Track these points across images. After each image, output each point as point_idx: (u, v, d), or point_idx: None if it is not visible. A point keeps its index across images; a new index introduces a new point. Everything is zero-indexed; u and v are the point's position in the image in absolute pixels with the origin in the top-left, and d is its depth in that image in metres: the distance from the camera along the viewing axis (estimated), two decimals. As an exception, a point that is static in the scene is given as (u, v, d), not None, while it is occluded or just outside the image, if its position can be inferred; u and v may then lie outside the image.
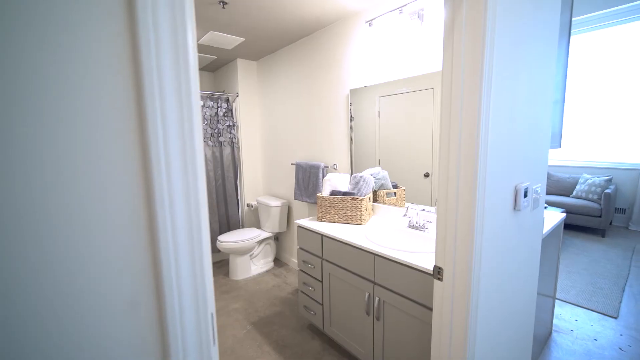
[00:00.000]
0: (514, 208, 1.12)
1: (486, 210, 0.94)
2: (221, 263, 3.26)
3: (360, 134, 2.19)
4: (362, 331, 1.65)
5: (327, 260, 1.83)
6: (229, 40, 2.58)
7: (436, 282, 1.04)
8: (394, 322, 1.46)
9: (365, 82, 2.12)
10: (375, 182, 2.12)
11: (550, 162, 1.76)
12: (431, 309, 1.21)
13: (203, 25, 2.27)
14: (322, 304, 1.90)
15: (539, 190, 1.30)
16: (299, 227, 2.02)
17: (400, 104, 1.91)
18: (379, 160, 2.09)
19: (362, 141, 2.18)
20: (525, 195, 1.14)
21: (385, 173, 2.11)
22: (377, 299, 1.52)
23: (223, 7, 1.95)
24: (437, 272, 1.03)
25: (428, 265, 1.28)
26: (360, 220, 1.93)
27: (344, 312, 1.76)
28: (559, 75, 1.79)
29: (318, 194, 2.06)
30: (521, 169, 1.14)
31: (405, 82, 1.87)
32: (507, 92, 0.98)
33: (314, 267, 1.93)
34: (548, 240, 1.67)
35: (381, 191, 2.11)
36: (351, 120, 2.24)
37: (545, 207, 1.85)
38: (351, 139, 2.26)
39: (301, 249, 2.03)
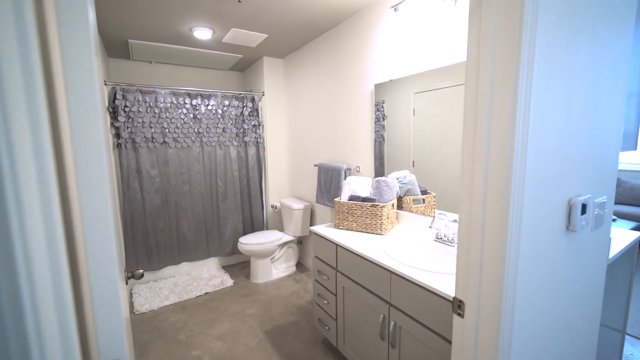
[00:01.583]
0: (567, 228, 0.86)
1: (524, 232, 0.71)
2: (244, 264, 3.23)
3: (394, 134, 1.97)
4: (376, 357, 1.46)
5: (341, 273, 1.66)
6: (252, 38, 2.51)
7: (456, 317, 0.83)
8: (411, 352, 1.25)
9: (390, 76, 1.91)
10: (400, 187, 1.90)
11: (621, 167, 1.40)
12: (453, 347, 0.99)
13: (224, 23, 2.23)
14: (336, 320, 1.74)
15: (604, 204, 1.01)
16: (314, 233, 1.87)
17: (438, 100, 1.67)
18: (413, 162, 1.86)
19: (395, 141, 1.96)
20: (584, 212, 0.88)
21: (412, 177, 1.88)
22: (392, 322, 1.32)
23: (239, 1, 1.87)
24: (458, 305, 0.82)
25: (451, 290, 1.06)
26: (381, 229, 1.73)
27: (358, 332, 1.58)
28: (637, 61, 1.43)
29: (335, 199, 1.90)
30: (579, 179, 0.87)
31: (436, 73, 1.63)
32: (558, 82, 0.74)
33: (328, 278, 1.77)
34: (617, 263, 1.34)
35: (407, 197, 1.89)
36: (384, 119, 2.03)
37: (614, 220, 1.49)
38: (383, 139, 2.05)
39: (316, 257, 1.88)
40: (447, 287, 1.10)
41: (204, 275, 2.94)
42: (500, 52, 0.66)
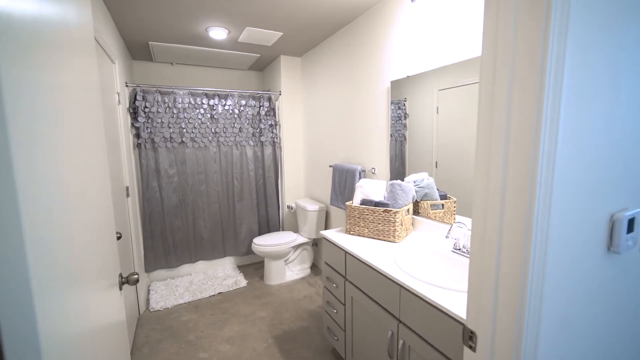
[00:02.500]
0: (608, 249, 0.72)
1: (550, 254, 0.59)
2: (259, 265, 3.21)
3: (416, 133, 1.84)
4: (385, 375, 1.35)
5: (350, 282, 1.56)
6: (267, 36, 2.47)
7: (467, 350, 0.72)
8: (421, 375, 1.14)
9: (407, 71, 1.78)
10: (417, 191, 1.77)
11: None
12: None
13: (238, 22, 2.20)
14: (345, 331, 1.64)
15: (658, 220, 0.84)
16: (324, 238, 1.79)
17: (464, 97, 1.52)
18: (436, 162, 1.72)
19: (417, 141, 1.83)
20: (631, 230, 0.72)
21: (430, 180, 1.74)
22: (401, 341, 1.21)
23: (250, -1, 1.83)
24: (469, 337, 0.70)
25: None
26: (394, 236, 1.62)
27: (366, 346, 1.47)
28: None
29: (347, 203, 1.80)
30: (624, 190, 0.72)
31: (460, 67, 1.49)
32: (598, 70, 0.60)
33: (337, 286, 1.69)
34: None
35: (424, 202, 1.75)
36: (405, 117, 1.90)
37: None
38: (405, 138, 1.91)
39: (326, 263, 1.80)
40: (463, 307, 0.97)
41: (219, 275, 2.95)
42: (522, 42, 0.54)
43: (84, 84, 0.82)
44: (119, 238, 1.55)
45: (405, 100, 1.89)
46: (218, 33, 2.36)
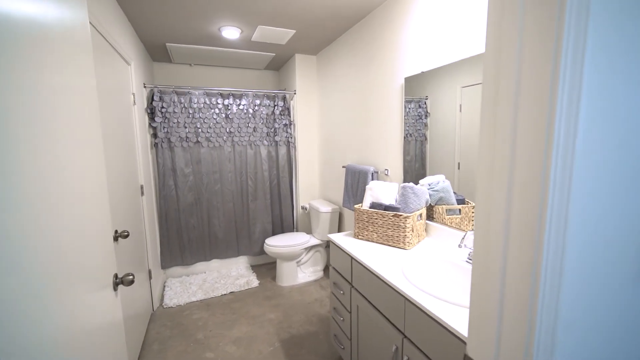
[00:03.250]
0: (646, 273, 0.60)
1: (566, 283, 0.49)
2: (272, 265, 3.20)
3: (437, 133, 1.72)
4: (389, 391, 1.26)
5: (356, 289, 1.49)
6: (280, 34, 2.44)
7: (467, 382, 0.63)
8: (426, 397, 1.05)
9: (422, 67, 1.67)
10: (431, 195, 1.66)
11: None
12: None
13: (250, 20, 2.18)
14: (351, 340, 1.57)
15: None
16: (331, 242, 1.73)
17: None
18: (458, 163, 1.60)
19: (439, 141, 1.71)
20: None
21: (446, 184, 1.62)
22: (405, 357, 1.12)
23: (259, -4, 1.79)
24: (469, 367, 0.62)
25: (474, 335, 0.83)
26: (404, 243, 1.52)
27: (371, 359, 1.39)
28: None
29: (356, 206, 1.73)
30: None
31: (477, 60, 1.36)
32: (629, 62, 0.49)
33: (343, 293, 1.61)
34: None
35: (439, 207, 1.64)
36: (426, 116, 1.79)
37: None
38: (425, 138, 1.80)
39: (333, 268, 1.73)
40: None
41: (232, 274, 2.97)
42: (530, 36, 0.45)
43: (74, 83, 0.82)
44: (126, 236, 1.57)
45: (427, 99, 1.77)
46: (231, 32, 2.36)
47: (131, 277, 1.05)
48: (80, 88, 0.86)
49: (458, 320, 0.92)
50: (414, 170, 1.87)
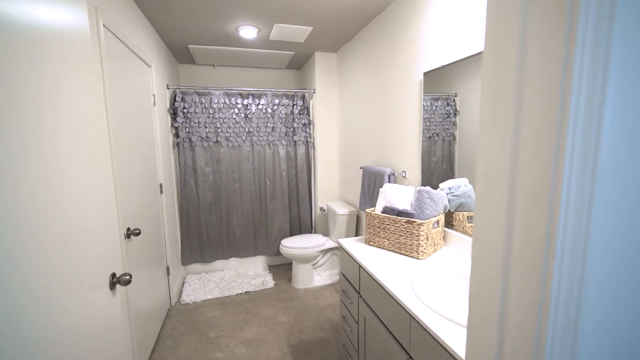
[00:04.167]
0: None
1: (585, 329, 0.38)
2: (289, 266, 3.17)
3: (466, 133, 1.58)
4: (394, 414, 1.16)
5: (363, 300, 1.40)
6: (297, 32, 2.39)
7: None
8: None
9: (442, 60, 1.53)
10: (450, 200, 1.52)
11: None
12: None
13: (265, 19, 2.15)
14: (358, 352, 1.48)
15: None
16: (341, 247, 1.64)
17: None
18: None
19: (469, 141, 1.57)
20: None
21: (468, 188, 1.48)
22: (410, 381, 1.02)
23: (271, -8, 1.75)
24: (465, 414, 0.51)
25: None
26: (417, 252, 1.40)
27: (377, 375, 1.30)
28: None
29: (367, 210, 1.63)
30: None
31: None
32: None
33: (352, 302, 1.53)
34: None
35: (459, 213, 1.50)
36: (455, 114, 1.65)
37: None
38: (454, 138, 1.65)
39: (342, 274, 1.65)
40: (479, 358, 0.75)
41: (249, 273, 2.98)
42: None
43: (74, 83, 0.83)
44: (137, 234, 1.60)
45: (455, 95, 1.63)
46: (248, 32, 2.35)
47: (128, 277, 1.05)
48: (81, 88, 0.87)
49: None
50: (441, 171, 1.73)
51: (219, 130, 2.86)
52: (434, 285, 1.18)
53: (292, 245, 2.65)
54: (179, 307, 2.43)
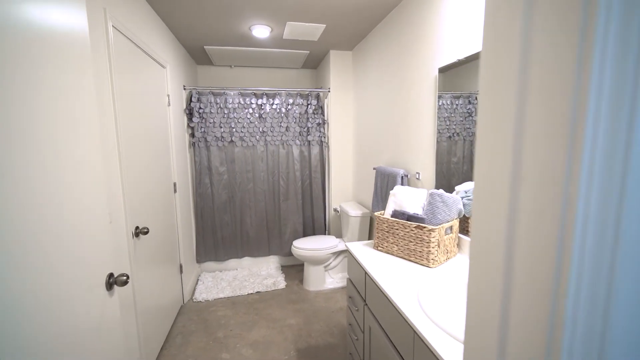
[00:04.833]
0: None
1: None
2: (301, 267, 3.13)
3: None
4: None
5: (368, 308, 1.33)
6: (310, 29, 2.34)
7: None
8: None
9: (458, 54, 1.43)
10: (465, 205, 1.41)
11: None
12: None
13: (277, 17, 2.12)
14: (364, 363, 1.41)
15: None
16: (348, 251, 1.58)
17: None
18: None
19: None
20: None
21: (486, 192, 1.36)
22: (412, 401, 0.94)
23: (280, -11, 1.71)
24: None
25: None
26: (427, 259, 1.31)
27: (381, 389, 1.22)
28: None
29: (376, 213, 1.55)
30: None
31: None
32: None
33: (357, 309, 1.46)
34: None
35: (475, 219, 1.38)
36: (477, 113, 1.54)
37: None
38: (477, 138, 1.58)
39: (349, 280, 1.59)
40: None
41: (262, 273, 2.98)
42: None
43: (74, 84, 0.83)
44: (146, 233, 1.62)
45: (477, 94, 1.51)
46: (261, 31, 2.33)
47: (124, 277, 1.05)
48: (81, 88, 0.87)
49: (472, 371, 0.72)
50: (461, 173, 1.62)
51: (234, 130, 2.88)
52: (442, 298, 1.09)
53: (304, 246, 2.61)
54: (191, 305, 2.46)
